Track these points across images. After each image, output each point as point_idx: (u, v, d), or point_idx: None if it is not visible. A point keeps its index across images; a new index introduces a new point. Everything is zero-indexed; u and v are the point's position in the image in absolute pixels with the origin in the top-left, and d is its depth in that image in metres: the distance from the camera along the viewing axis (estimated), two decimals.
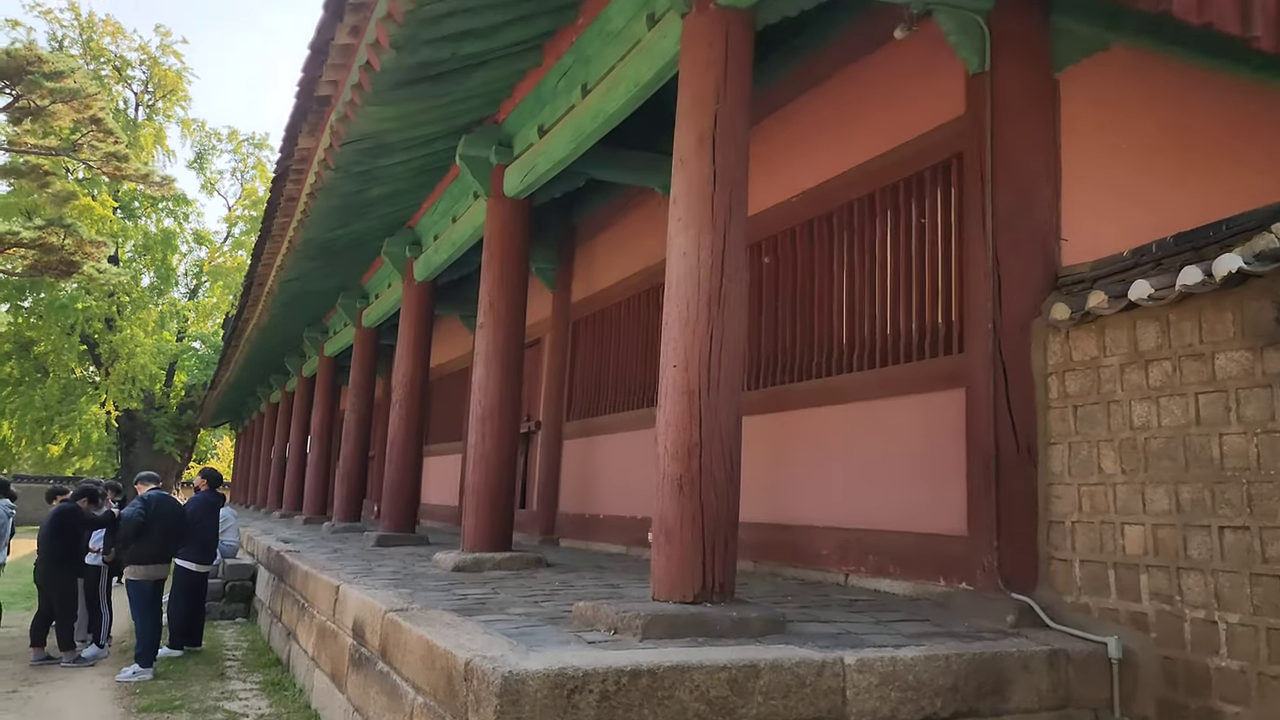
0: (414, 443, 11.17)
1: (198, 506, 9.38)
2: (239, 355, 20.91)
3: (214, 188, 46.60)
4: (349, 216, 10.10)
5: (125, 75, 40.82)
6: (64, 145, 27.30)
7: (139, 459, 41.13)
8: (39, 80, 22.43)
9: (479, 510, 7.78)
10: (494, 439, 7.86)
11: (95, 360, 38.34)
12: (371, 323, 14.35)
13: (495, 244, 8.14)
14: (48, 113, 24.36)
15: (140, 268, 40.34)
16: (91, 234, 26.29)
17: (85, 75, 24.78)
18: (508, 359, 7.98)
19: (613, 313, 10.77)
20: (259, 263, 12.56)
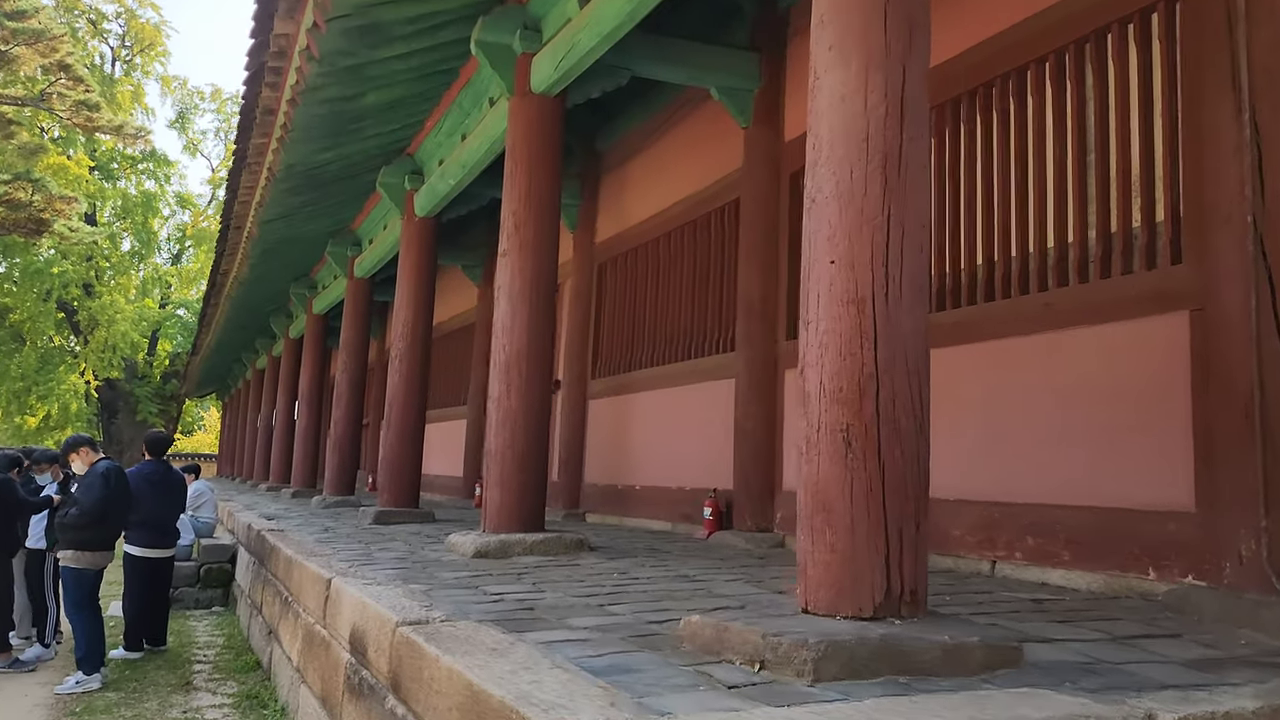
0: (416, 402, 9.61)
1: (139, 480, 7.68)
2: (219, 315, 19.29)
3: (197, 149, 44.66)
4: (339, 134, 8.52)
5: (100, 29, 38.79)
6: (31, 96, 25.46)
7: (121, 430, 39.55)
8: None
9: (504, 481, 6.24)
10: (521, 392, 6.31)
11: (74, 328, 36.61)
12: (365, 272, 12.90)
13: (521, 151, 6.53)
14: (10, 58, 22.51)
15: (120, 231, 38.53)
16: (62, 190, 24.48)
17: (50, 16, 22.90)
18: (538, 291, 6.41)
19: (650, 251, 9.20)
20: (235, 200, 10.94)
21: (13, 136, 23.15)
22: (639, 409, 9.09)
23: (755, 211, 7.22)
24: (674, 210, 8.68)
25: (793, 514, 6.70)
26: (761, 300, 7.10)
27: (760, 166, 7.24)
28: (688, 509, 8.08)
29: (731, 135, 7.71)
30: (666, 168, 8.98)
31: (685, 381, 8.32)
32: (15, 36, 20.93)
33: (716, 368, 7.83)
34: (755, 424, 7.05)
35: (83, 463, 7.05)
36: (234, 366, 30.32)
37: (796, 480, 3.29)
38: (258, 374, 25.13)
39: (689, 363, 8.31)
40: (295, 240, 12.86)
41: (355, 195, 11.20)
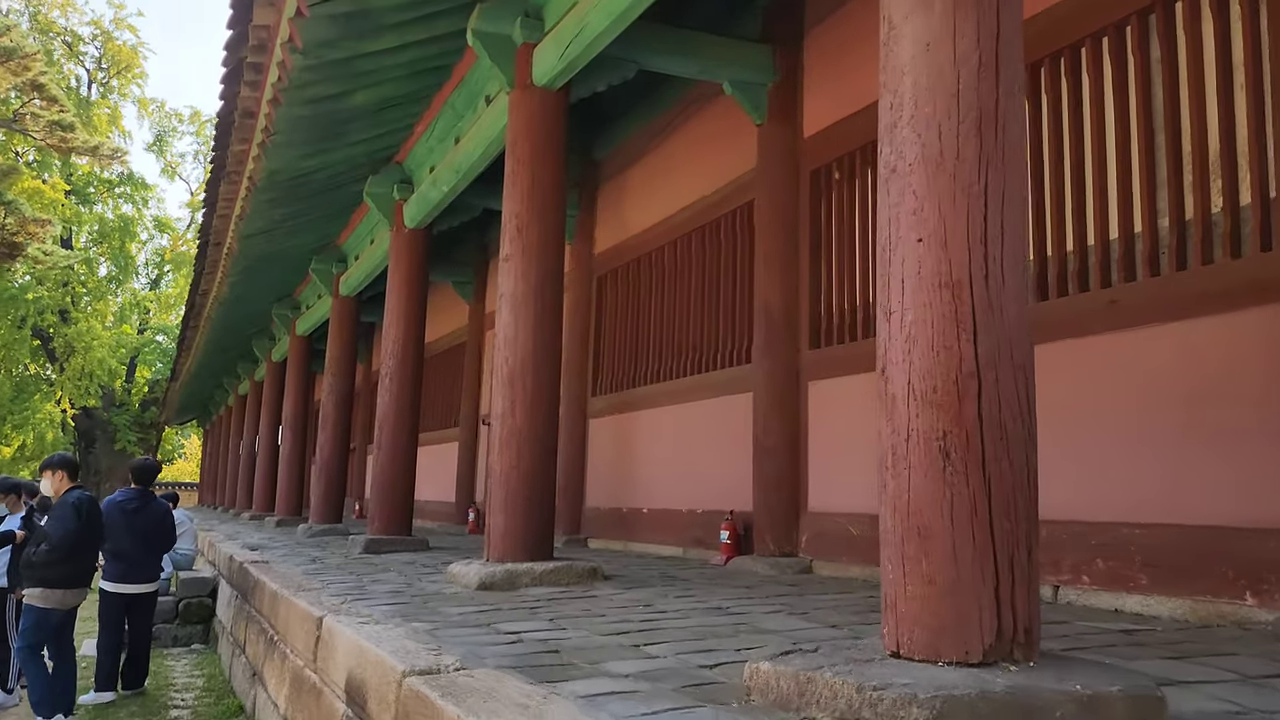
0: (408, 423, 9.09)
1: (113, 509, 7.11)
2: (199, 339, 18.68)
3: (175, 172, 44.42)
4: (324, 139, 8.06)
5: (76, 51, 38.20)
6: (4, 118, 24.88)
7: (100, 460, 38.64)
8: None
9: (510, 506, 5.72)
10: (527, 408, 5.80)
11: (50, 355, 35.77)
12: (351, 290, 12.38)
13: (523, 149, 6.06)
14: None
15: (97, 256, 37.79)
16: (35, 211, 23.85)
17: (22, 34, 22.36)
18: (543, 299, 5.92)
19: (654, 260, 8.73)
20: (214, 214, 10.41)
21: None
22: (644, 427, 8.59)
23: (772, 213, 6.77)
24: (680, 216, 8.22)
25: (821, 536, 6.23)
26: (782, 307, 6.63)
27: (777, 165, 6.80)
28: (700, 532, 7.58)
29: (743, 134, 7.27)
30: (671, 173, 8.54)
31: (695, 397, 7.84)
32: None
33: (730, 381, 7.35)
34: (777, 440, 6.57)
35: (53, 487, 6.48)
36: (215, 392, 29.63)
37: (826, 498, 2.80)
38: (239, 399, 24.48)
39: (699, 377, 7.83)
40: (278, 257, 12.33)
41: (341, 208, 10.70)
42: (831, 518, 6.18)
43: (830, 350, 6.38)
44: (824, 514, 6.27)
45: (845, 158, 6.38)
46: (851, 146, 6.31)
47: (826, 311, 6.47)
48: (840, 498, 6.15)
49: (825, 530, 6.22)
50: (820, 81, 6.63)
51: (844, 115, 6.36)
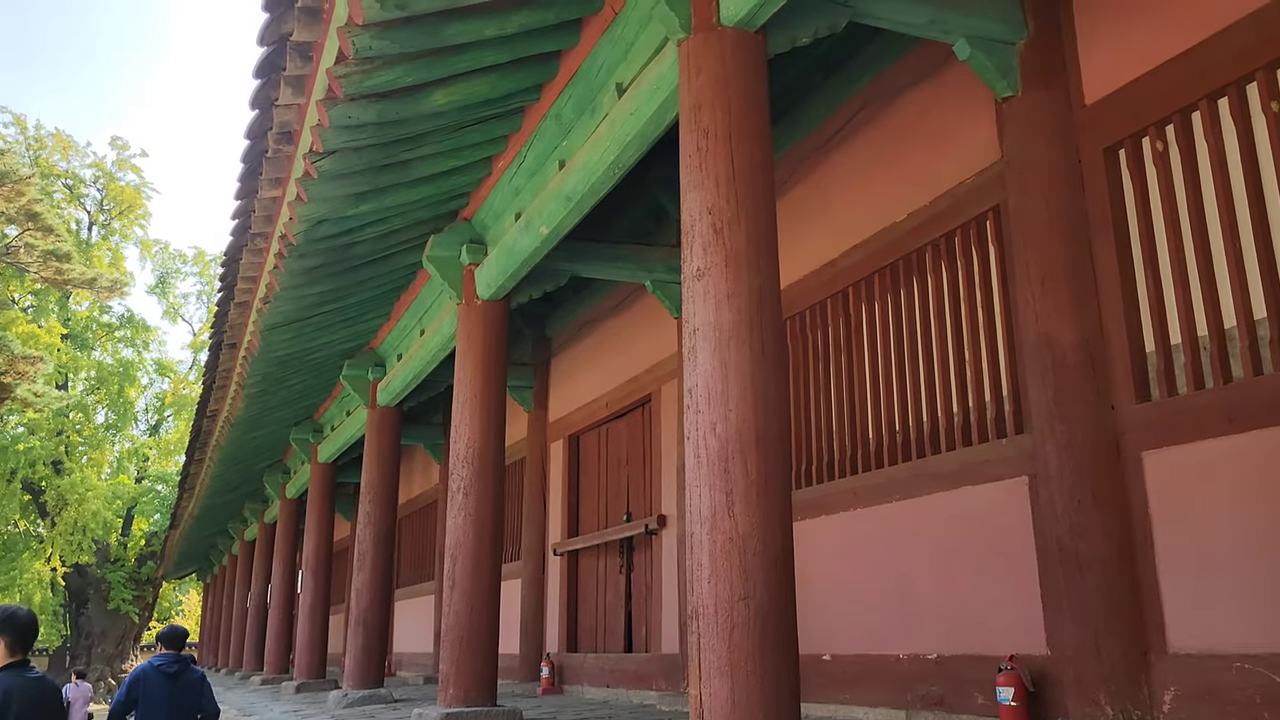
0: (491, 552, 6.82)
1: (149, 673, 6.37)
2: (204, 474, 16.43)
3: (178, 314, 42.26)
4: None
5: (78, 194, 37.15)
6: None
7: (92, 622, 35.71)
8: None
9: (738, 666, 3.45)
10: (753, 502, 3.60)
11: (40, 510, 33.30)
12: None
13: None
14: None
15: (94, 403, 35.77)
16: (25, 350, 21.93)
17: (15, 159, 20.91)
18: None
19: (822, 316, 6.63)
20: (231, 301, 8.39)
21: None
22: (817, 539, 6.32)
23: (1039, 214, 4.72)
24: (868, 248, 6.14)
25: (1200, 692, 3.88)
26: (1077, 345, 4.50)
27: (1041, 148, 4.79)
28: (937, 687, 5.25)
29: (964, 124, 5.30)
30: (859, 187, 6.54)
31: (907, 493, 5.62)
32: None
33: (976, 465, 5.16)
34: (1096, 545, 4.32)
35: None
36: (218, 540, 27.11)
37: (1202, 630, 1.24)
38: (246, 547, 22.03)
39: (914, 464, 5.61)
40: (302, 361, 10.25)
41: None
42: (1217, 662, 3.91)
43: (1178, 402, 4.22)
44: (1201, 656, 3.99)
45: (1165, 122, 4.38)
46: (1176, 105, 4.31)
47: (1161, 344, 4.34)
48: (1233, 628, 3.89)
49: (1208, 683, 3.94)
50: (1103, 26, 4.69)
51: (1156, 63, 4.39)
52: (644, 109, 4.84)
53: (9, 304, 25.56)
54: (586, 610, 10.03)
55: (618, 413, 9.61)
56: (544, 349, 11.34)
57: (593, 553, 10.01)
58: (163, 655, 7.05)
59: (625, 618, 9.15)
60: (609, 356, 9.73)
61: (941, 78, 5.59)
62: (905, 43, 5.70)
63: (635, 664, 8.57)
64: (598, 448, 10.19)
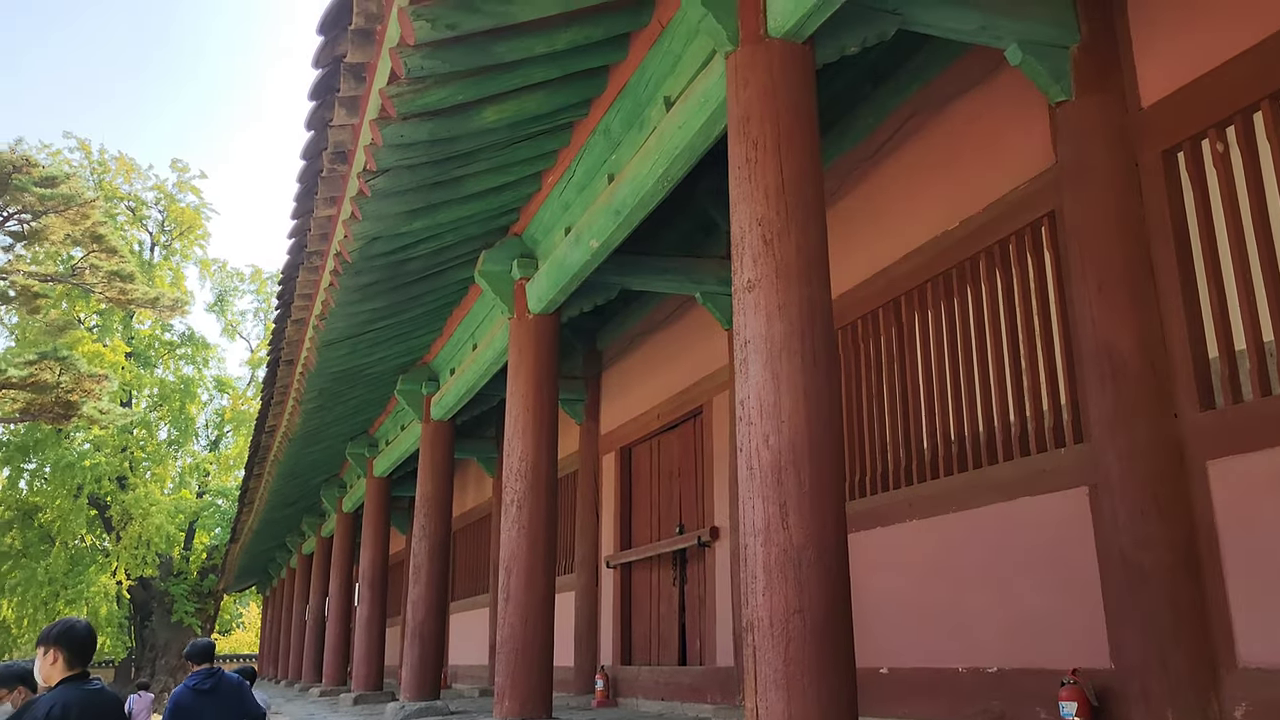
0: (544, 565, 6.86)
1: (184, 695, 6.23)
2: (263, 488, 16.72)
3: (236, 331, 43.18)
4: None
5: (140, 216, 38.12)
6: (64, 273, 23.96)
7: (156, 634, 36.49)
8: (27, 185, 19.09)
9: (794, 680, 3.43)
10: (807, 514, 3.58)
11: (106, 524, 34.16)
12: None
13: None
14: (42, 234, 21.00)
15: (157, 420, 36.59)
16: (91, 368, 22.53)
17: (80, 183, 21.53)
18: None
19: (871, 326, 6.58)
20: (288, 318, 8.55)
21: (39, 311, 21.42)
22: (871, 551, 6.26)
23: (1097, 219, 4.64)
24: (922, 256, 6.10)
25: (1264, 704, 3.80)
26: (1137, 352, 4.42)
27: (1098, 152, 4.72)
28: (996, 702, 5.16)
29: (1019, 131, 5.24)
30: (914, 195, 6.50)
31: (964, 504, 5.55)
32: (43, 203, 19.40)
33: (1033, 476, 5.08)
34: (1160, 556, 4.23)
35: (42, 672, 4.25)
36: (276, 554, 27.57)
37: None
38: (304, 560, 22.37)
39: (970, 475, 5.54)
40: (357, 376, 10.42)
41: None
42: None
43: (1244, 409, 4.12)
44: (1274, 670, 3.88)
45: (1226, 123, 4.29)
46: (1237, 105, 4.22)
47: (1225, 350, 4.24)
48: None
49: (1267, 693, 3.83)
50: (1160, 27, 4.61)
51: (1215, 64, 4.31)
52: (692, 122, 4.85)
53: (75, 324, 26.30)
54: (640, 623, 10.03)
55: (669, 424, 9.61)
56: (595, 362, 11.39)
57: (645, 565, 10.01)
58: (195, 674, 7.09)
59: (679, 630, 9.13)
60: (659, 369, 9.74)
61: (992, 84, 5.53)
62: (955, 49, 5.66)
63: (690, 677, 8.54)
64: (649, 460, 10.20)
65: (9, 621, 33.35)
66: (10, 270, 22.23)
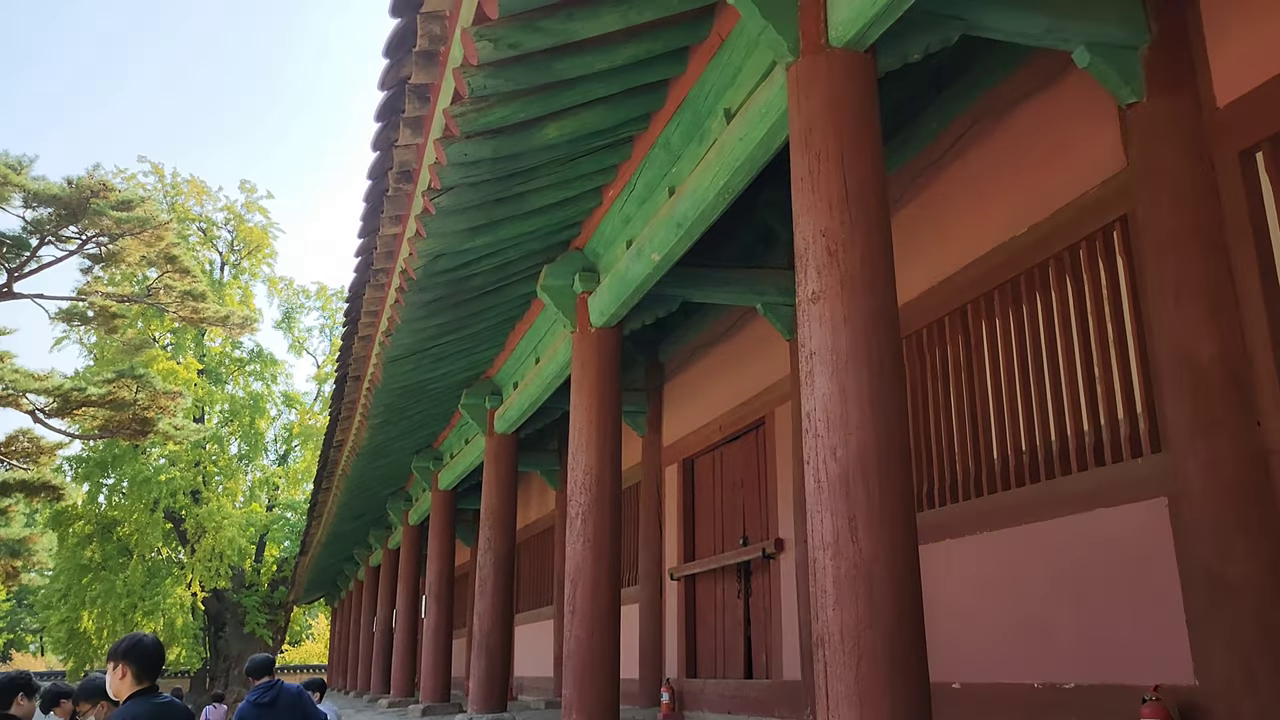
0: (609, 577, 6.87)
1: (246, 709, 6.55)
2: (331, 502, 17.01)
3: (302, 347, 44.10)
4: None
5: (211, 237, 39.16)
6: (140, 293, 24.70)
7: (229, 645, 37.29)
8: (104, 209, 19.74)
9: (867, 695, 3.39)
10: (876, 526, 3.55)
11: (181, 537, 35.06)
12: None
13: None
14: (119, 256, 21.69)
15: (228, 435, 37.48)
16: (165, 385, 23.15)
17: (155, 206, 22.17)
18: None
19: (940, 334, 6.51)
20: (355, 335, 8.71)
21: (116, 331, 22.08)
22: (937, 565, 6.16)
23: (1171, 224, 4.53)
24: (986, 265, 6.00)
25: None
26: (1218, 360, 4.29)
27: (1171, 154, 4.61)
28: (1072, 718, 5.03)
29: (1086, 132, 5.14)
30: (983, 196, 6.41)
31: (1032, 517, 5.43)
32: (120, 226, 20.03)
33: (1107, 487, 4.95)
34: (1245, 566, 4.10)
35: (113, 687, 4.34)
36: (344, 566, 28.00)
37: None
38: (371, 572, 22.69)
39: (1038, 487, 5.42)
40: (422, 391, 10.56)
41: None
42: None
43: None
44: None
45: None
46: None
47: None
48: None
49: None
50: (1234, 24, 4.49)
51: None
52: (753, 133, 4.84)
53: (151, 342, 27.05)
54: (705, 635, 9.99)
55: (731, 436, 9.57)
56: (656, 374, 11.40)
57: (709, 577, 9.97)
58: (255, 688, 7.35)
59: (745, 643, 9.07)
60: (721, 380, 9.71)
61: (1059, 86, 5.43)
62: (1019, 52, 5.57)
63: (756, 690, 8.47)
64: (712, 471, 10.17)
65: (89, 632, 34.35)
66: (89, 291, 22.96)
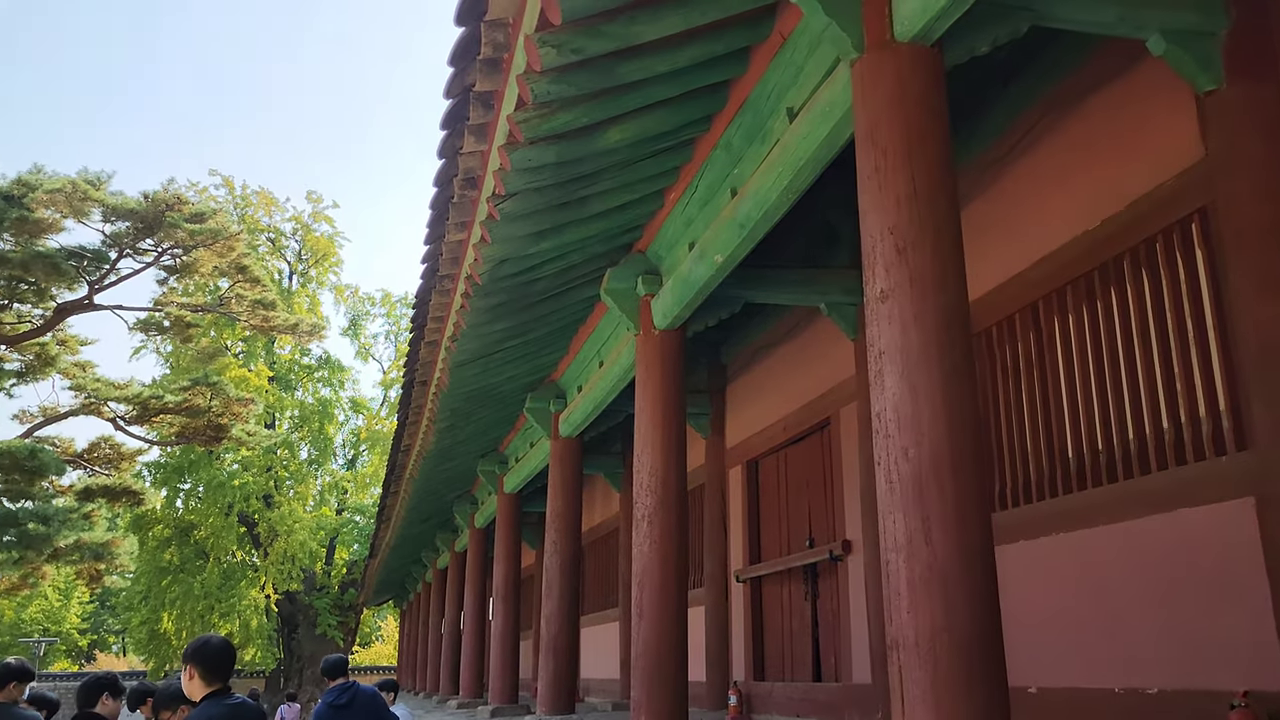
0: (676, 579, 6.87)
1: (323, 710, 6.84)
2: (399, 506, 17.28)
3: (368, 353, 44.83)
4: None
5: (280, 247, 40.01)
6: (213, 302, 25.35)
7: (302, 645, 38.05)
8: (178, 222, 20.30)
9: (941, 699, 3.34)
10: (951, 528, 3.49)
11: (254, 541, 35.92)
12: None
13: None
14: (193, 267, 22.29)
15: (298, 440, 38.27)
16: (237, 392, 23.72)
17: (226, 218, 22.74)
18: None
19: (1011, 329, 6.39)
20: (421, 340, 8.83)
21: (191, 340, 22.69)
22: (1013, 566, 6.04)
23: (1259, 211, 4.39)
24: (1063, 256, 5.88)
25: None
26: None
27: (1254, 140, 4.47)
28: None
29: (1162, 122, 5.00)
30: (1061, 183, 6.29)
31: (1113, 517, 5.30)
32: (193, 238, 20.58)
33: (1187, 487, 4.81)
34: None
35: (187, 690, 4.40)
36: (412, 568, 28.40)
37: None
38: (438, 575, 22.98)
39: (1120, 486, 5.29)
40: (488, 396, 10.67)
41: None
42: None
43: None
44: None
45: None
46: None
47: None
48: None
49: None
50: None
51: None
52: (816, 132, 4.80)
53: (223, 351, 27.74)
54: (772, 638, 9.93)
55: (795, 437, 9.50)
56: (719, 375, 11.37)
57: (775, 579, 9.91)
58: (331, 689, 7.57)
59: (812, 646, 8.99)
60: (785, 381, 9.65)
61: (1132, 75, 5.30)
62: (1090, 42, 5.45)
63: (826, 694, 8.40)
64: (776, 473, 10.10)
65: (169, 633, 35.33)
66: (165, 302, 23.63)
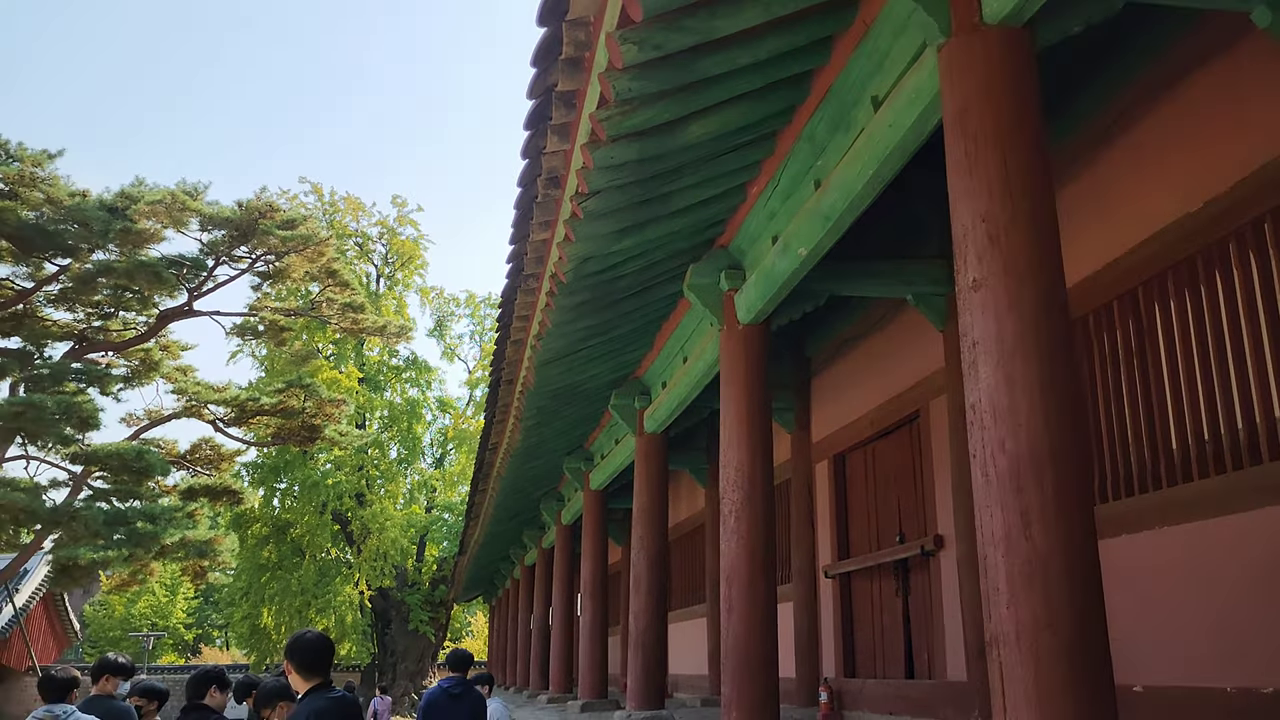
0: (764, 575, 6.83)
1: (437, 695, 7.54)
2: (487, 504, 17.59)
3: (454, 354, 45.65)
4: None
5: (367, 251, 40.96)
6: (304, 306, 26.07)
7: (395, 641, 38.95)
8: (271, 229, 20.93)
9: (1045, 697, 3.26)
10: (1051, 522, 3.40)
11: (348, 538, 36.88)
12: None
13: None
14: (285, 272, 22.97)
15: (388, 440, 39.14)
16: (329, 394, 24.36)
17: (316, 223, 23.37)
18: (1050, 339, 3.58)
19: (1114, 314, 6.20)
20: (507, 340, 8.95)
21: (284, 343, 23.37)
22: (1116, 559, 5.85)
23: None
24: (1163, 239, 5.68)
25: None
26: None
27: None
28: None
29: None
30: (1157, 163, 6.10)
31: (1223, 509, 5.10)
32: (285, 244, 21.19)
33: None
34: None
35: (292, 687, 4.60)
36: (500, 565, 28.82)
37: None
38: (526, 571, 23.28)
39: (1230, 477, 5.09)
40: (573, 393, 10.75)
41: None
42: None
43: None
44: None
45: None
46: None
47: None
48: None
49: None
50: None
51: None
52: (902, 120, 4.71)
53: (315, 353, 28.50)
54: (862, 634, 9.81)
55: (883, 431, 9.37)
56: (803, 370, 11.27)
57: (865, 575, 9.78)
58: (449, 678, 8.25)
59: (904, 642, 8.86)
60: (870, 374, 9.52)
61: (1233, 52, 5.09)
62: (1190, 17, 5.25)
63: (919, 691, 8.27)
64: (864, 467, 9.98)
65: (269, 628, 36.50)
66: (259, 307, 24.38)
